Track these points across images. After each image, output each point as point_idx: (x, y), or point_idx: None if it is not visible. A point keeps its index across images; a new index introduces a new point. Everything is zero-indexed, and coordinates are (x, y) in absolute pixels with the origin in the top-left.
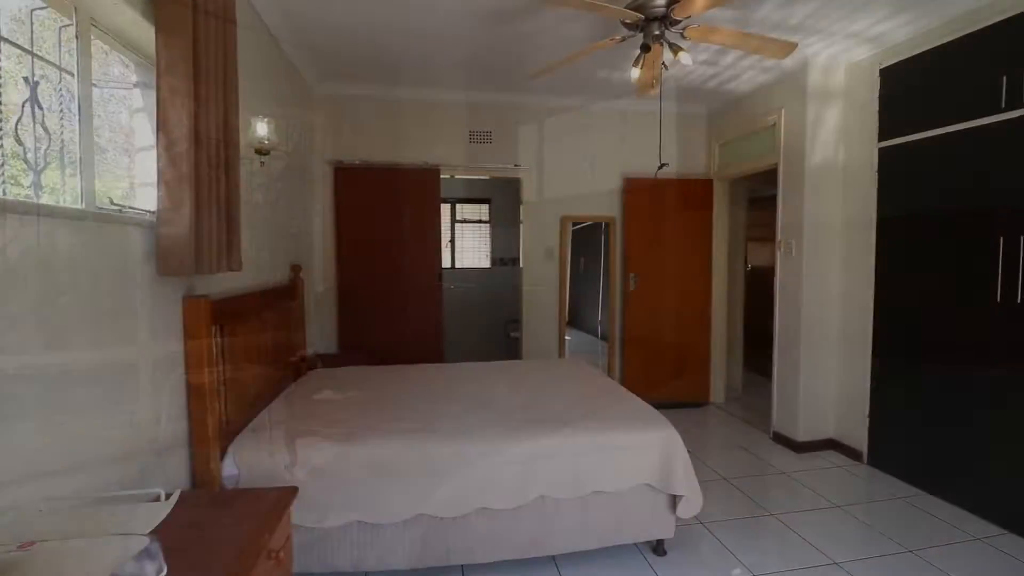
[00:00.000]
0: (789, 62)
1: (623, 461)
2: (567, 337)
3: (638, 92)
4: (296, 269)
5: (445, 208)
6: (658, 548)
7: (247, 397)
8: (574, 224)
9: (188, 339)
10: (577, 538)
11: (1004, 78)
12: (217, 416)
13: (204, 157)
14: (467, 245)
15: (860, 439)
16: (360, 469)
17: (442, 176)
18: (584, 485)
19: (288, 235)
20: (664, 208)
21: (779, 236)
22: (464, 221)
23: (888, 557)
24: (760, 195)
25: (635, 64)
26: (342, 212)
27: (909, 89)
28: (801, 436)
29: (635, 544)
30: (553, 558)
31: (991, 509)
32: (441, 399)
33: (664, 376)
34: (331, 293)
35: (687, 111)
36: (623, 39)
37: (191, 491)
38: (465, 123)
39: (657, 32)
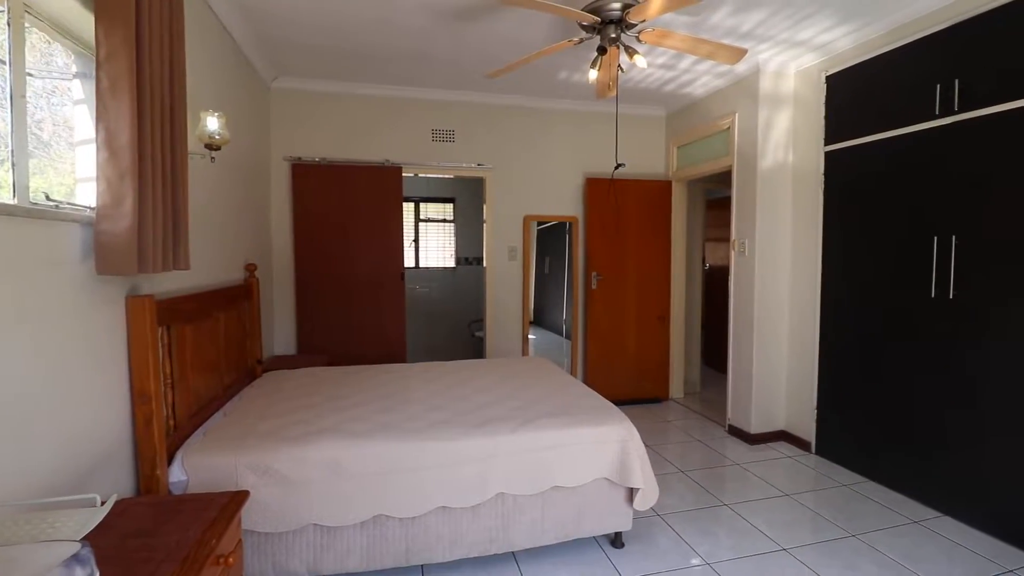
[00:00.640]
0: (742, 67)
1: (582, 456)
2: (532, 336)
3: (597, 94)
4: (251, 268)
5: (408, 207)
6: (616, 540)
7: (197, 400)
8: (539, 224)
9: (132, 340)
10: (537, 534)
11: (938, 86)
12: (163, 420)
13: (148, 151)
14: (431, 244)
15: (809, 430)
16: (316, 471)
17: (405, 175)
18: (543, 481)
19: (242, 233)
20: (625, 208)
21: (733, 236)
22: (428, 220)
23: (833, 541)
24: (717, 196)
25: (592, 66)
26: (300, 210)
27: (853, 95)
28: (754, 428)
29: (594, 537)
30: (513, 554)
31: (927, 494)
32: (401, 399)
33: (625, 373)
34: (289, 293)
35: (647, 113)
36: (581, 41)
37: (135, 498)
38: (428, 121)
39: (613, 35)
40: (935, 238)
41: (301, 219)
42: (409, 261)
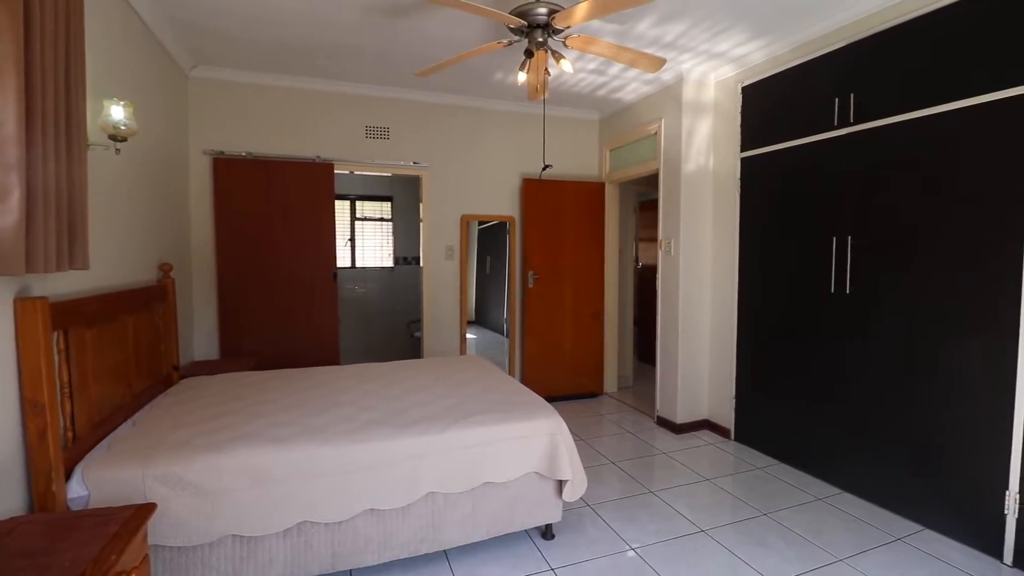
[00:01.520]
0: (667, 76)
1: (512, 452)
2: (472, 335)
3: (528, 96)
4: (166, 268)
5: (343, 205)
6: (547, 532)
7: (101, 411)
8: (480, 223)
9: (21, 346)
10: (468, 530)
11: (837, 100)
12: (59, 432)
13: (39, 141)
14: (368, 243)
15: (728, 418)
16: (235, 479)
17: (338, 172)
18: (474, 478)
19: (156, 231)
20: (560, 208)
21: (660, 236)
22: (365, 219)
23: (747, 521)
24: (648, 198)
25: (521, 68)
26: (224, 207)
27: (765, 105)
28: (680, 419)
29: (525, 531)
30: (445, 552)
31: (830, 473)
32: (330, 402)
33: (562, 369)
34: (211, 294)
35: (581, 117)
36: (510, 43)
37: (26, 516)
38: (361, 118)
39: (540, 39)
40: (834, 239)
41: (224, 216)
42: (345, 261)
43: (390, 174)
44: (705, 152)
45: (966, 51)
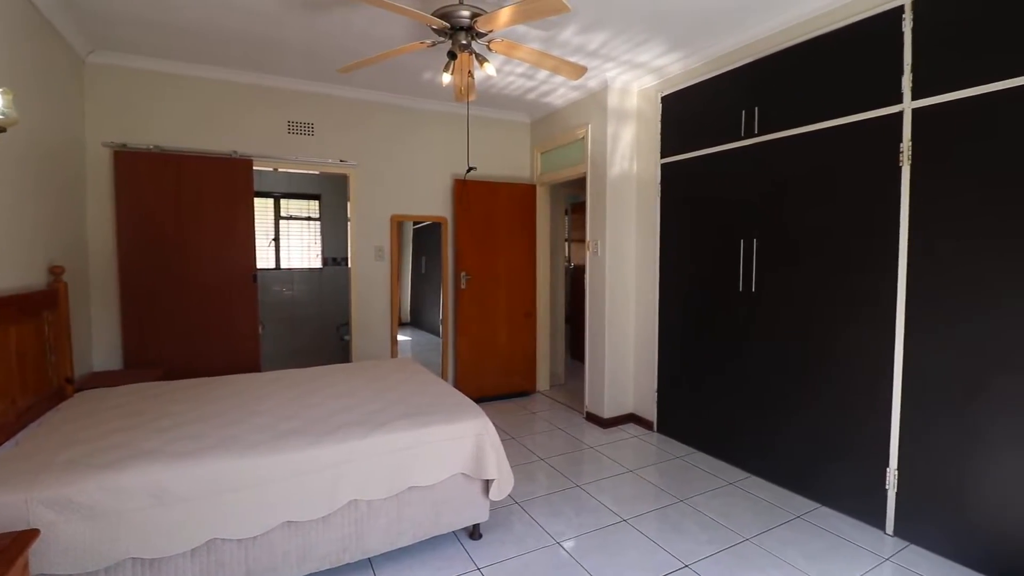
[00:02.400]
0: (593, 83)
1: (438, 454)
2: (406, 337)
3: (455, 97)
4: (57, 271)
5: (266, 203)
6: (474, 532)
7: None
8: (415, 223)
9: None
10: (393, 536)
11: (743, 112)
12: None
13: None
14: (295, 244)
15: (652, 411)
16: (134, 499)
17: (258, 168)
18: (399, 483)
19: (45, 230)
20: (492, 210)
21: (588, 238)
22: (291, 218)
23: (665, 508)
24: (578, 200)
25: (445, 70)
26: (127, 205)
27: (682, 115)
28: (607, 413)
29: (453, 532)
30: (369, 560)
31: (740, 459)
32: (246, 412)
33: (495, 369)
34: (112, 299)
35: (513, 119)
36: (433, 44)
37: None
38: (283, 112)
39: (464, 41)
40: (741, 241)
41: (128, 214)
42: (269, 262)
43: (318, 172)
44: (629, 157)
45: (843, 75)
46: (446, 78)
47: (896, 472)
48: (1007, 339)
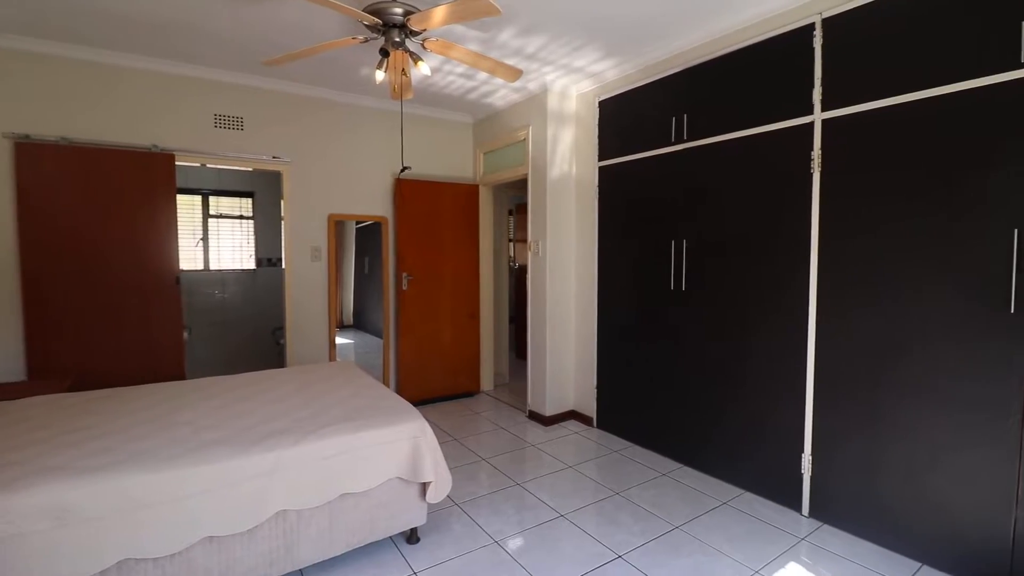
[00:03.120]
0: (533, 86)
1: (372, 459)
2: (348, 340)
3: (391, 95)
4: None
5: (193, 201)
6: (412, 537)
7: None
8: (358, 223)
9: None
10: (325, 545)
11: (673, 118)
12: None
13: None
14: (226, 244)
15: (591, 408)
16: (33, 521)
17: (182, 163)
18: (331, 490)
19: None
20: (434, 210)
21: (530, 238)
22: (221, 216)
23: (601, 501)
24: (522, 201)
25: (379, 67)
26: (30, 200)
27: (618, 119)
28: (549, 411)
29: (390, 537)
30: (300, 572)
31: (673, 450)
32: (165, 423)
33: (439, 370)
34: (14, 304)
35: (455, 119)
36: (366, 40)
37: None
38: (209, 105)
39: (397, 39)
40: (672, 241)
41: (31, 211)
42: (196, 263)
43: (251, 168)
44: (569, 160)
45: (763, 86)
46: (380, 75)
47: (810, 457)
48: (904, 328)
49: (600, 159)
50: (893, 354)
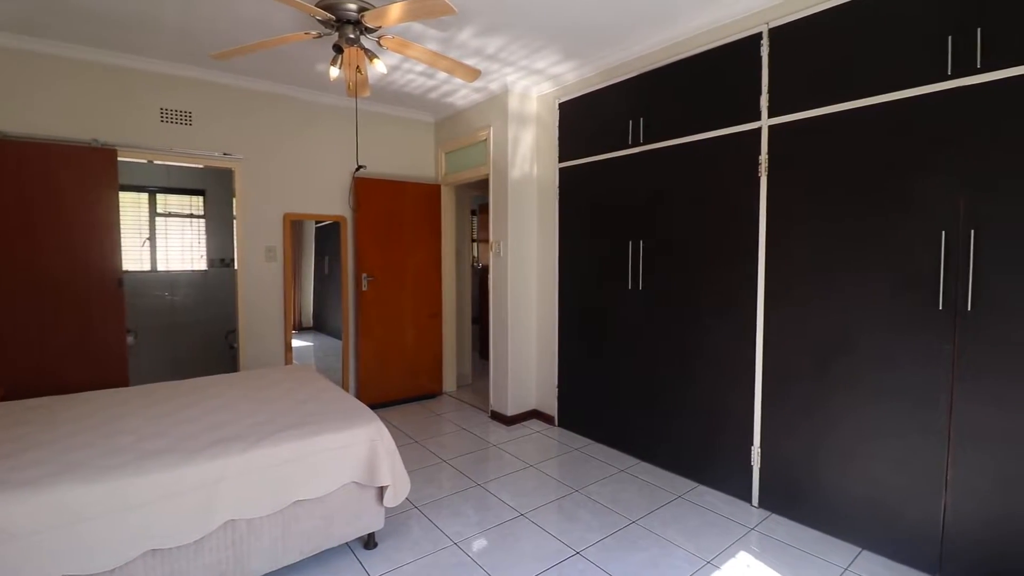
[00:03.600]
0: (494, 86)
1: (327, 464)
2: (307, 343)
3: (347, 92)
4: None
5: (139, 199)
6: (369, 542)
7: None
8: (317, 223)
9: None
10: (278, 555)
11: (630, 121)
12: None
13: None
14: (175, 244)
15: (553, 407)
16: None
17: (133, 160)
18: (283, 498)
19: None
20: (395, 209)
21: (491, 239)
22: (169, 215)
23: (561, 499)
24: (484, 201)
25: (333, 63)
26: None
27: (578, 121)
28: (511, 411)
29: (346, 543)
30: None
31: (631, 446)
32: (104, 432)
33: (401, 372)
34: None
35: (417, 118)
36: (319, 36)
37: None
38: (155, 99)
39: (352, 35)
40: (630, 242)
41: None
42: (143, 263)
43: (202, 165)
44: (530, 161)
45: (714, 92)
46: (334, 72)
47: (759, 450)
48: (845, 325)
49: (561, 160)
50: (834, 350)
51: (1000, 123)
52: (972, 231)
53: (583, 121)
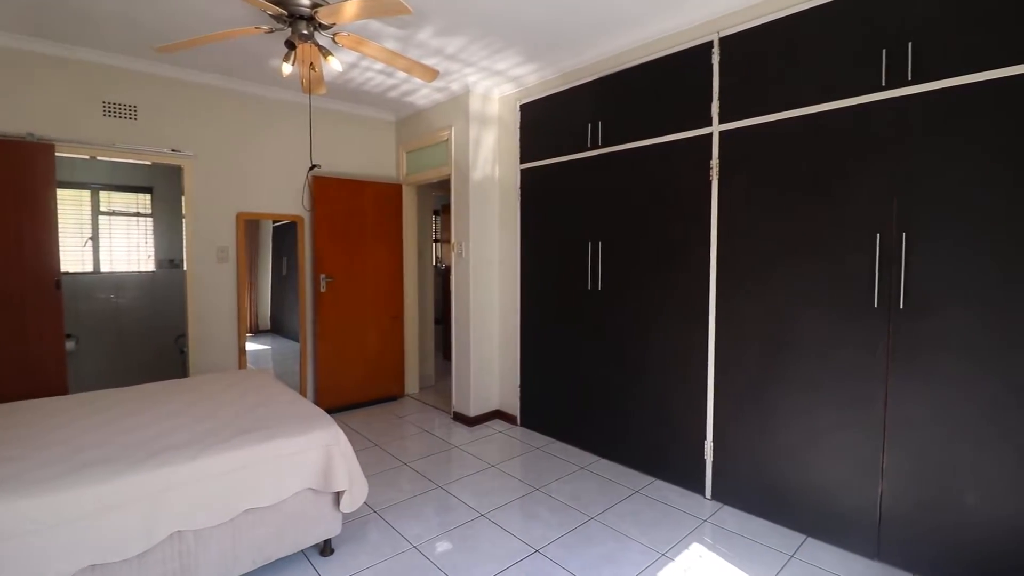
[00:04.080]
0: (455, 86)
1: (280, 471)
2: (264, 347)
3: (302, 89)
4: None
5: (81, 196)
6: (325, 548)
7: None
8: (275, 222)
9: None
10: (228, 565)
11: (589, 125)
12: None
13: None
14: (120, 244)
15: (515, 406)
16: None
17: (73, 156)
18: (233, 506)
19: None
20: (356, 209)
21: (453, 239)
22: (114, 213)
23: (521, 498)
24: (448, 201)
25: (285, 60)
26: None
27: (539, 123)
28: (473, 412)
29: (301, 551)
30: None
31: (591, 443)
32: (36, 444)
33: (361, 375)
34: None
35: (378, 116)
36: (271, 31)
37: None
38: (97, 91)
39: (305, 32)
40: (589, 243)
41: None
42: (85, 264)
43: (149, 162)
44: (491, 161)
45: (669, 98)
46: (287, 68)
47: (712, 444)
48: (789, 322)
49: (522, 162)
50: (780, 347)
51: (928, 132)
52: (904, 233)
53: (544, 123)
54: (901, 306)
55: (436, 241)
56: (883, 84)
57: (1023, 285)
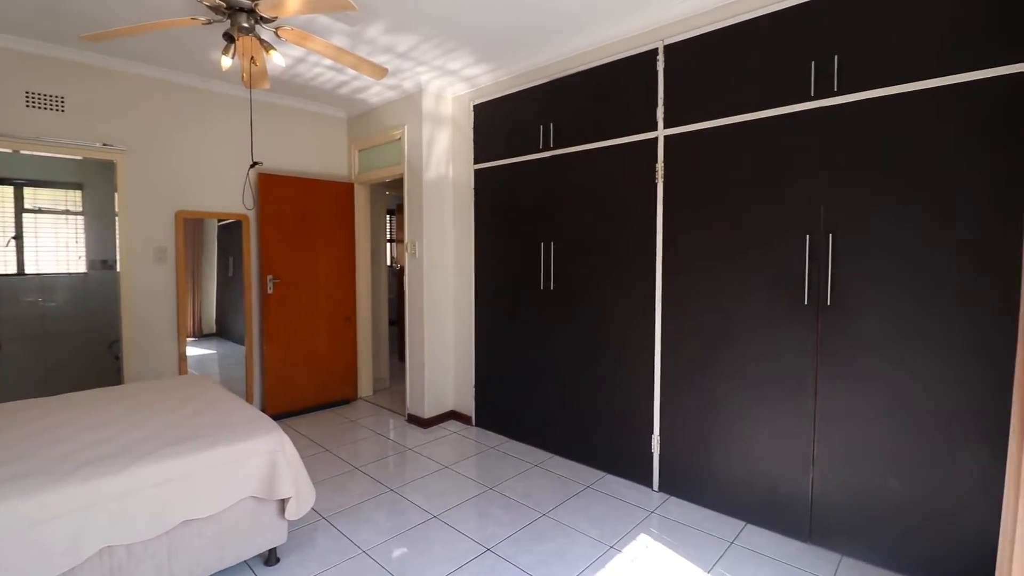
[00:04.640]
0: (408, 85)
1: (220, 480)
2: (208, 351)
3: (243, 83)
4: None
5: (3, 192)
6: (270, 558)
7: None
8: (220, 220)
9: None
10: None
11: (541, 126)
12: None
13: None
14: (47, 244)
15: (470, 407)
16: None
17: None
18: (168, 519)
19: None
20: (305, 208)
21: (406, 239)
22: (39, 211)
23: (475, 498)
24: (402, 201)
25: (224, 52)
26: None
27: (493, 124)
28: (428, 413)
29: (244, 562)
30: None
31: (545, 441)
32: None
33: (312, 379)
34: None
35: (328, 113)
36: (209, 22)
37: None
38: (19, 81)
39: (245, 24)
40: (542, 243)
41: None
42: (7, 265)
43: (79, 157)
44: (445, 161)
45: (617, 102)
46: (226, 61)
47: (658, 438)
48: (729, 320)
49: (476, 162)
50: (720, 343)
51: (851, 140)
52: (830, 235)
53: (498, 124)
54: (828, 303)
55: (391, 241)
56: (812, 94)
57: (931, 281)
